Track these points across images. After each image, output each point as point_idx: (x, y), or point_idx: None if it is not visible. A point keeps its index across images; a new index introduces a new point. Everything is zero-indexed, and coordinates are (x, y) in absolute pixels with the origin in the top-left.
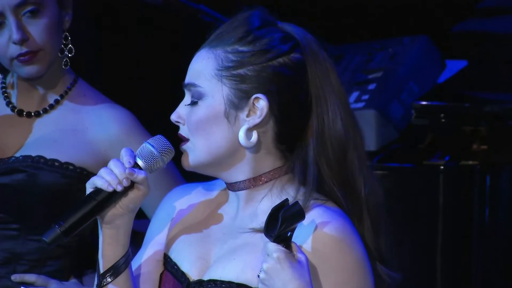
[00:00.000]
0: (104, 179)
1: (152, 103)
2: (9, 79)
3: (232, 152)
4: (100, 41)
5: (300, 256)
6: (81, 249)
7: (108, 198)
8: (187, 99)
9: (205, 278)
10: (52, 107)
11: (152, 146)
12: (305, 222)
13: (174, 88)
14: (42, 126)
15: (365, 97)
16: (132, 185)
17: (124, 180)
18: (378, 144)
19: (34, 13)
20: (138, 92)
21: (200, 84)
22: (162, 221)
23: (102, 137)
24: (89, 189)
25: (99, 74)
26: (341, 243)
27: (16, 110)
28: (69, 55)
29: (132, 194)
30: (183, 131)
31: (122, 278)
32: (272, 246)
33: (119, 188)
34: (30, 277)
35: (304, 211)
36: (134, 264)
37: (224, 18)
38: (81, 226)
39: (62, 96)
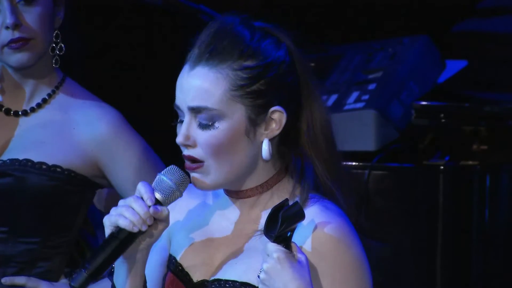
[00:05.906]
0: (128, 220)
1: (149, 103)
2: None
3: (251, 165)
4: (98, 41)
5: (300, 256)
6: (70, 249)
7: (132, 237)
8: (192, 121)
9: (209, 279)
10: (39, 106)
11: (170, 179)
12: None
13: (173, 88)
14: (29, 126)
15: (365, 97)
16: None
17: (148, 219)
18: (378, 144)
19: (28, 1)
20: (136, 92)
21: (215, 107)
22: None
23: (90, 137)
24: (108, 227)
25: (101, 75)
26: (338, 242)
27: (3, 108)
28: (59, 53)
29: (153, 229)
30: (195, 153)
31: None
32: (272, 246)
33: (144, 228)
34: (20, 279)
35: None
36: None
37: None
38: (108, 267)
39: (50, 95)
